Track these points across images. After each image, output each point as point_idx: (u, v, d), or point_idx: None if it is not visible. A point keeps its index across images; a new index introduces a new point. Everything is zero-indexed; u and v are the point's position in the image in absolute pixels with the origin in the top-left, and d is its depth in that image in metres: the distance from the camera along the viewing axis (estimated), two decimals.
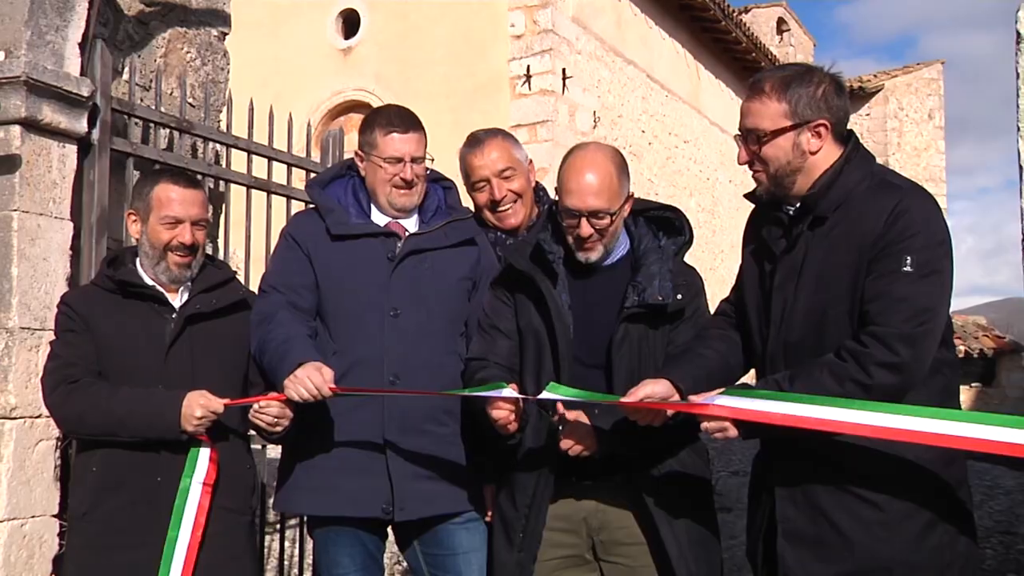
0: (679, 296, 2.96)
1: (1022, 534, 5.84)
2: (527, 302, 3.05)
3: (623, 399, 2.75)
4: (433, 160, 3.35)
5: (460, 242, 3.29)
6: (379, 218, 3.29)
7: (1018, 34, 2.54)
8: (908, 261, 2.51)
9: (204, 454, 3.05)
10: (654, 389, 2.73)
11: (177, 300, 3.19)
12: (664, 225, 3.11)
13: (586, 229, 2.94)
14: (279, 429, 3.05)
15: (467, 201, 3.49)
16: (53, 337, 3.25)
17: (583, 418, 2.88)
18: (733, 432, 2.63)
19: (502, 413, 2.85)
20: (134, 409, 3.00)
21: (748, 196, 2.89)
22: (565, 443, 2.87)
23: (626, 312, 2.95)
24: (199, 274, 3.24)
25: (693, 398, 2.70)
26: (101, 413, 3.02)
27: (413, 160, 3.22)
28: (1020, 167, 2.51)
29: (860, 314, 2.57)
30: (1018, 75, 2.53)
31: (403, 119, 3.30)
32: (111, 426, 3.01)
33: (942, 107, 28.94)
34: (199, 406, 2.97)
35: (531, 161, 3.62)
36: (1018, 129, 2.51)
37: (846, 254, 2.60)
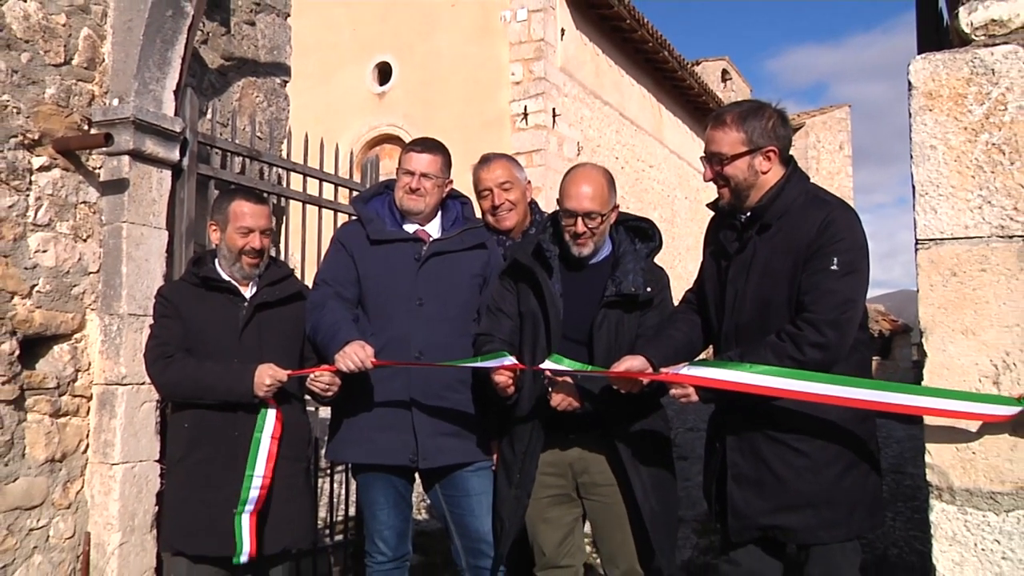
0: (648, 289, 2.95)
1: (909, 472, 5.88)
2: (527, 290, 3.04)
3: (609, 370, 2.76)
4: (452, 183, 3.36)
5: (473, 246, 3.26)
6: (409, 227, 3.27)
7: (909, 83, 2.54)
8: (835, 261, 2.51)
9: (271, 414, 3.05)
10: (632, 363, 2.73)
11: (248, 292, 3.19)
12: (639, 233, 3.10)
13: (581, 227, 2.94)
14: (330, 394, 3.05)
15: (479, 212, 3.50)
16: (152, 321, 3.26)
17: (569, 381, 2.89)
18: (694, 397, 2.63)
19: (502, 378, 2.85)
20: (217, 379, 3.01)
21: (710, 205, 2.86)
22: (555, 399, 2.87)
23: (605, 300, 2.95)
24: (264, 271, 3.24)
25: (664, 370, 2.70)
26: (191, 382, 3.03)
27: (423, 175, 3.22)
28: (912, 187, 2.50)
29: (796, 303, 2.57)
30: (910, 115, 2.52)
31: (424, 143, 3.32)
32: (199, 392, 3.03)
33: (850, 140, 28.97)
34: (268, 376, 2.98)
35: (529, 181, 3.60)
36: (911, 157, 2.51)
37: (786, 254, 2.59)
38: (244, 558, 2.99)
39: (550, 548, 3.04)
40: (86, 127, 3.62)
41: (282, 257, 4.37)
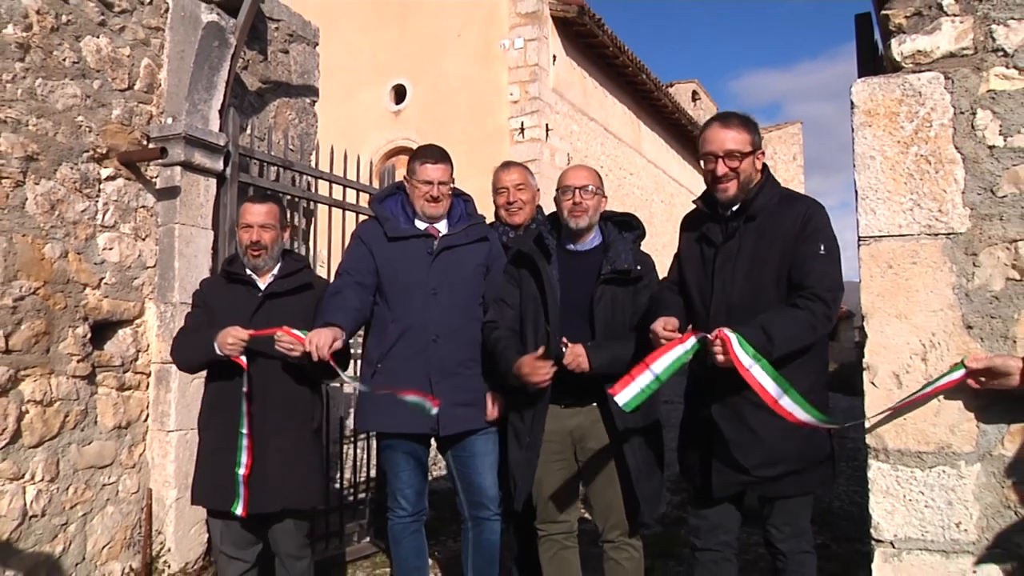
0: (639, 267, 2.95)
1: (851, 437, 5.91)
2: (529, 276, 3.03)
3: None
4: (454, 182, 3.35)
5: (477, 239, 3.23)
6: (420, 224, 3.22)
7: (852, 103, 2.56)
8: (821, 247, 2.54)
9: (244, 376, 2.93)
10: (667, 321, 2.61)
11: (263, 284, 3.11)
12: (625, 226, 3.10)
13: (578, 197, 2.97)
14: (296, 355, 2.89)
15: (485, 207, 3.49)
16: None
17: (580, 347, 2.84)
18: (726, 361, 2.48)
19: (541, 377, 2.82)
20: (196, 343, 2.95)
21: (697, 201, 2.84)
22: (568, 357, 2.83)
23: (603, 277, 2.93)
24: (282, 264, 3.16)
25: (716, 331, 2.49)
26: (184, 351, 2.99)
27: (440, 183, 3.18)
28: (856, 192, 2.53)
29: (792, 282, 2.54)
30: (853, 130, 2.55)
31: (435, 154, 3.25)
32: (189, 356, 2.99)
33: (801, 152, 29.01)
34: (231, 335, 2.87)
35: (538, 189, 3.64)
36: (854, 166, 2.53)
37: (773, 242, 2.59)
38: (239, 510, 2.90)
39: (552, 503, 3.04)
40: (145, 142, 3.64)
41: (312, 251, 4.40)
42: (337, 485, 4.51)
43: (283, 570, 3.11)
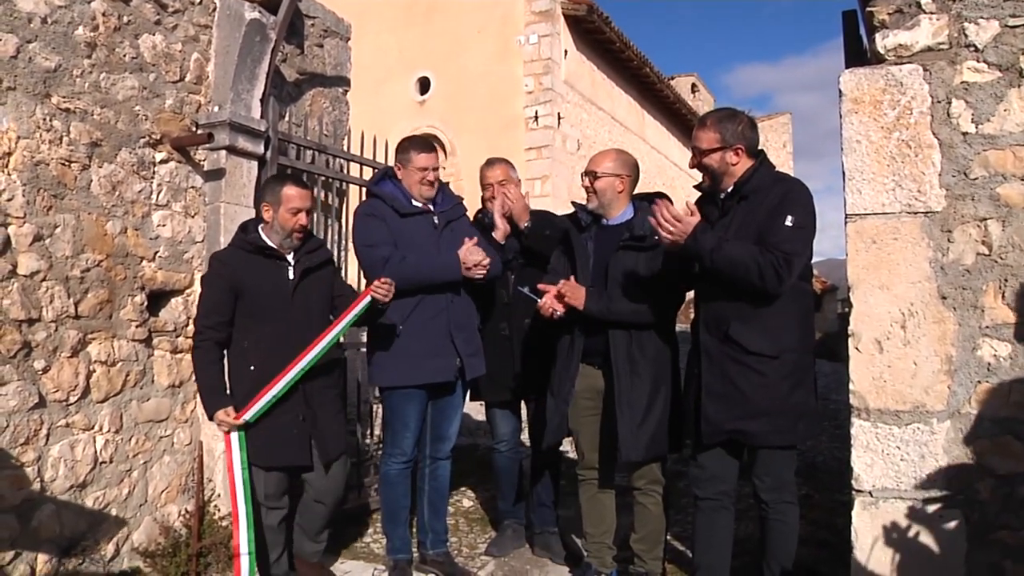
0: (656, 237, 2.91)
1: (833, 399, 5.88)
2: (569, 247, 3.14)
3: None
4: (445, 168, 3.41)
5: (462, 215, 3.44)
6: (418, 204, 3.32)
7: (840, 91, 2.54)
8: (789, 219, 2.53)
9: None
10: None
11: (291, 258, 3.04)
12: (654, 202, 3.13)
13: (586, 182, 3.09)
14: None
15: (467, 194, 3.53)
16: (206, 281, 3.03)
17: (580, 287, 2.95)
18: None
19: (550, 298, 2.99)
20: (209, 386, 2.95)
21: (696, 187, 2.90)
22: (564, 288, 2.95)
23: (621, 244, 2.99)
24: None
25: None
26: (200, 379, 3.01)
27: (433, 168, 3.31)
28: (843, 173, 2.52)
29: (759, 242, 2.55)
30: (841, 116, 2.54)
31: (428, 144, 3.37)
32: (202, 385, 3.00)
33: (791, 140, 28.64)
34: (222, 423, 2.87)
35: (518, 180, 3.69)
36: (842, 150, 2.53)
37: (758, 215, 2.60)
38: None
39: (588, 452, 3.12)
40: (194, 129, 3.65)
41: (342, 229, 4.41)
42: (368, 440, 4.54)
43: (306, 510, 3.13)
